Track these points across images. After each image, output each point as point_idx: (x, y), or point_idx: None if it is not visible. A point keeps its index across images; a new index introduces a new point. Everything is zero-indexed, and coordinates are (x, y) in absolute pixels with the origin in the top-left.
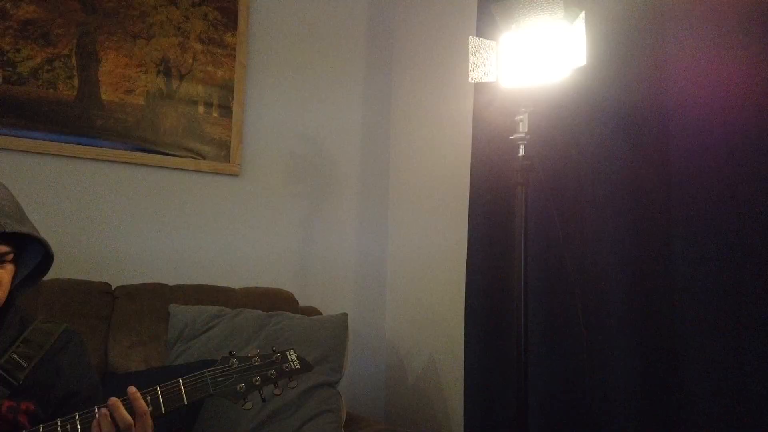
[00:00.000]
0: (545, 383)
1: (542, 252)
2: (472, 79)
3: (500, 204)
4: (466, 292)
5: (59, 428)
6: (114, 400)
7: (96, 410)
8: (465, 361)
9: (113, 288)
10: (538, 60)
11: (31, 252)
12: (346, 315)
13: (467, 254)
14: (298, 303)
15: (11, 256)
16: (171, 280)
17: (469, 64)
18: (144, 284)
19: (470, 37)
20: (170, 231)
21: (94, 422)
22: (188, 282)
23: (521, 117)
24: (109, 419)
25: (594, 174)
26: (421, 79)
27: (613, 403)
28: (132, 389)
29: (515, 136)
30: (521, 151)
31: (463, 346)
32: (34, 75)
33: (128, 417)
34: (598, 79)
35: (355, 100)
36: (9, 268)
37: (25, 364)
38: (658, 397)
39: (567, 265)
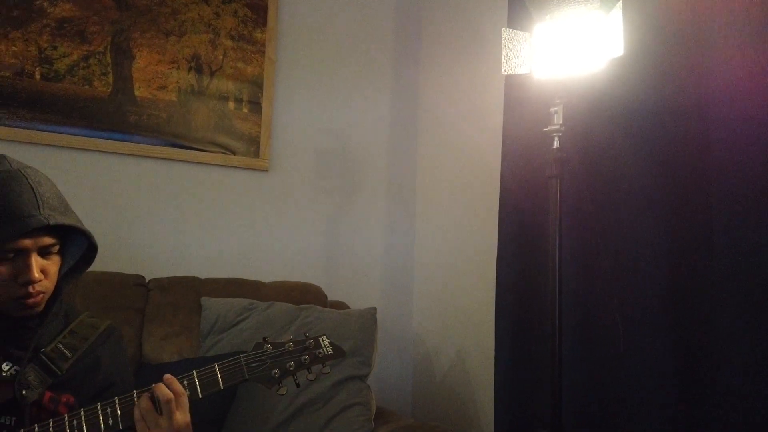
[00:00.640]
0: (579, 379)
1: (576, 245)
2: (504, 71)
3: (532, 197)
4: (496, 287)
5: (99, 411)
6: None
7: (134, 393)
8: (495, 357)
9: (147, 280)
10: (573, 51)
11: (75, 243)
12: (374, 309)
13: (498, 249)
14: (326, 297)
15: (57, 247)
16: (202, 274)
17: (502, 56)
18: (177, 277)
19: (503, 28)
20: (201, 225)
21: (137, 402)
22: (219, 275)
23: (556, 109)
24: (148, 396)
25: (630, 167)
26: (450, 73)
27: (650, 401)
28: (167, 375)
29: (550, 128)
30: (556, 143)
31: (492, 342)
32: (70, 72)
33: (168, 392)
34: (635, 70)
35: (383, 94)
36: (55, 260)
37: (69, 355)
38: (697, 397)
39: (602, 259)
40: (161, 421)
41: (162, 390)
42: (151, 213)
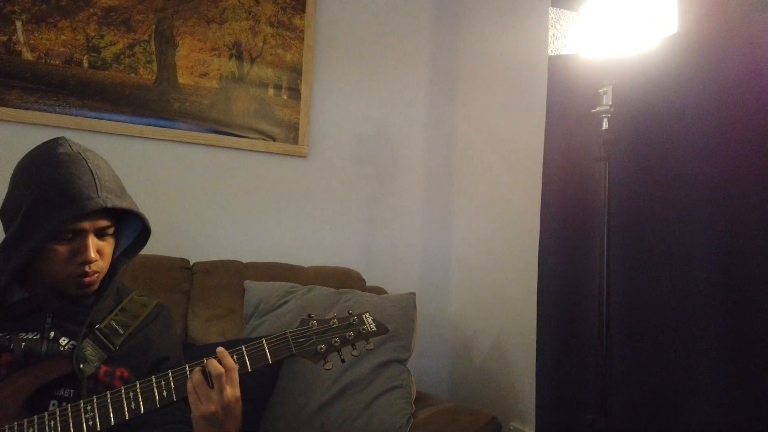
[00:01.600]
0: (626, 366)
1: (624, 230)
2: (551, 52)
3: (576, 180)
4: (538, 273)
5: (154, 384)
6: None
7: (187, 367)
8: (537, 343)
9: (191, 264)
10: (623, 29)
11: (130, 226)
12: (413, 294)
13: (540, 234)
14: (365, 282)
15: (112, 230)
16: (243, 258)
17: (548, 37)
18: (220, 261)
19: (550, 8)
20: (242, 210)
21: (189, 376)
22: (259, 260)
23: (605, 89)
24: (200, 370)
25: (683, 150)
26: (491, 56)
27: (699, 392)
28: (220, 348)
29: (598, 109)
30: (604, 125)
31: (534, 328)
32: (116, 60)
33: (219, 366)
34: (690, 49)
35: (421, 79)
36: (110, 241)
37: (121, 331)
38: (750, 392)
39: (652, 244)
40: (212, 394)
41: (214, 364)
42: (194, 198)
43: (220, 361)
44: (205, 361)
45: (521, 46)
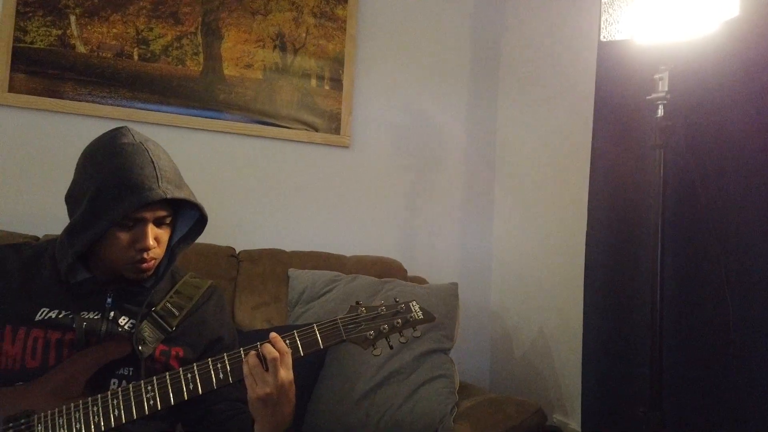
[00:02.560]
0: (679, 358)
1: (678, 220)
2: (604, 37)
3: (626, 168)
4: (585, 264)
5: (210, 366)
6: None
7: (242, 351)
8: (583, 335)
9: (237, 252)
10: (681, 13)
11: (187, 214)
12: (456, 284)
13: (587, 224)
14: (406, 272)
15: (170, 219)
16: (286, 246)
17: (601, 22)
18: (265, 249)
19: None
20: (285, 200)
21: (245, 359)
22: (301, 248)
23: (661, 75)
24: (255, 354)
25: (742, 138)
26: (534, 45)
27: (757, 389)
28: (273, 333)
29: (653, 95)
30: (660, 112)
31: (579, 320)
32: (165, 52)
33: (274, 350)
34: (752, 33)
35: (463, 69)
36: (167, 230)
37: (177, 313)
38: None
39: (708, 234)
40: (267, 377)
41: (269, 348)
42: (238, 187)
43: (274, 346)
44: (259, 345)
45: (568, 33)
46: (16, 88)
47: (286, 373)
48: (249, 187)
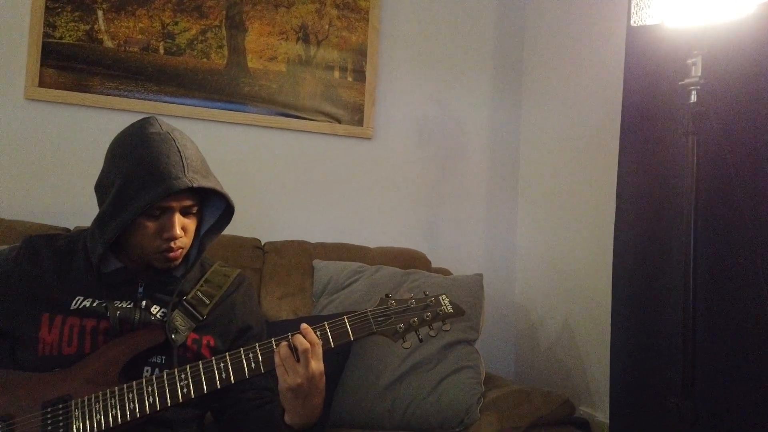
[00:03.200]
0: (711, 349)
1: (711, 209)
2: (634, 22)
3: (657, 156)
4: (614, 255)
5: (243, 356)
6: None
7: (273, 341)
8: (612, 326)
9: (262, 243)
10: None
11: (214, 204)
12: (481, 275)
13: (616, 213)
14: (430, 263)
15: (196, 208)
16: (310, 238)
17: (631, 6)
18: (289, 241)
19: None
20: (309, 191)
21: (276, 350)
22: (325, 240)
23: (694, 60)
24: (287, 345)
25: None
26: (559, 32)
27: None
28: (304, 324)
29: (686, 81)
30: (693, 98)
31: (607, 311)
32: (190, 46)
33: (305, 341)
34: None
35: (486, 59)
36: (194, 219)
37: (207, 301)
38: None
39: (742, 221)
40: (298, 367)
41: (300, 339)
42: (262, 180)
43: (305, 337)
44: (290, 336)
45: (595, 20)
46: (46, 83)
47: (317, 364)
48: (273, 179)
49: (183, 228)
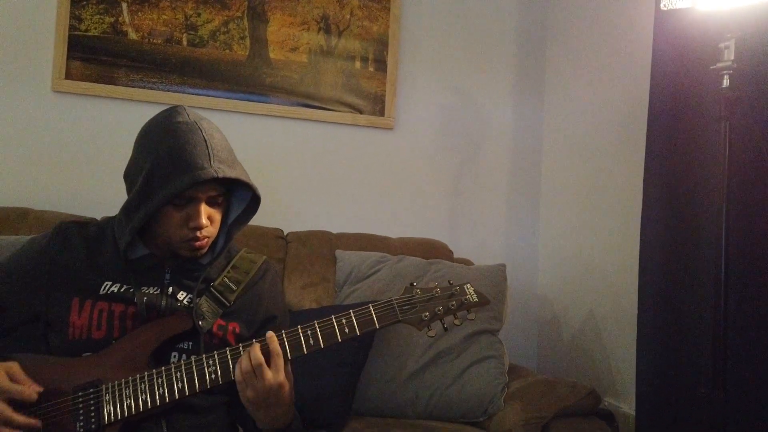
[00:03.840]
0: (741, 340)
1: (745, 195)
2: (664, 6)
3: (686, 143)
4: (641, 245)
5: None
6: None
7: (255, 342)
8: (638, 316)
9: (285, 234)
10: None
11: (240, 194)
12: (504, 265)
13: (643, 202)
14: (452, 253)
15: (222, 198)
16: (331, 228)
17: None
18: (312, 231)
19: None
20: (330, 182)
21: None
22: (346, 230)
23: (726, 44)
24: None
25: None
26: (584, 18)
27: None
28: (269, 333)
29: (718, 65)
30: (725, 83)
31: (632, 301)
32: (212, 37)
33: (259, 356)
34: None
35: (509, 46)
36: (220, 209)
37: (234, 288)
38: None
39: None
40: (255, 381)
41: (254, 352)
42: (285, 170)
43: (268, 347)
44: (254, 343)
45: (621, 4)
46: (73, 76)
47: (274, 377)
48: (294, 169)
49: (209, 217)
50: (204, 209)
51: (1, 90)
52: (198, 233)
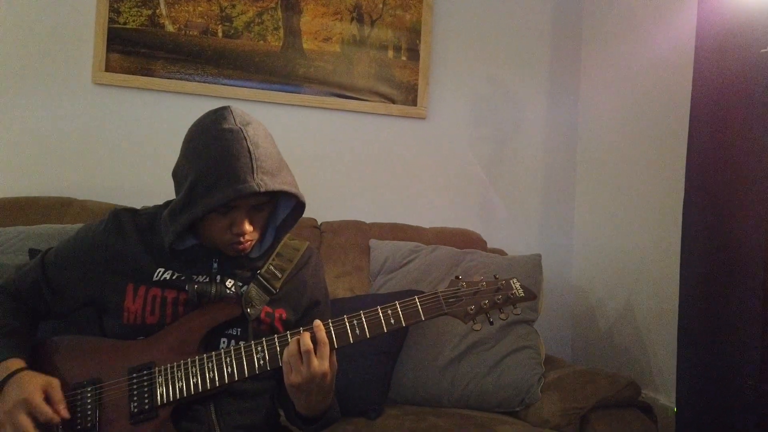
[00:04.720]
0: None
1: None
2: None
3: (732, 130)
4: (682, 235)
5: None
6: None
7: (301, 331)
8: (680, 307)
9: (319, 223)
10: None
11: (288, 195)
12: (539, 256)
13: (685, 192)
14: (486, 243)
15: (265, 205)
16: (364, 217)
17: None
18: (345, 221)
19: None
20: (363, 172)
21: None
22: (379, 220)
23: None
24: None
25: None
26: (621, 5)
27: None
28: (317, 321)
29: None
30: None
31: (672, 292)
32: (247, 28)
33: (308, 343)
34: None
35: (543, 35)
36: (264, 213)
37: (279, 275)
38: None
39: None
40: (301, 367)
41: (304, 340)
42: (318, 160)
43: (315, 335)
44: (302, 331)
45: None
46: (112, 68)
47: (320, 365)
48: (328, 159)
49: (252, 222)
50: (247, 217)
51: (44, 83)
52: (241, 238)
